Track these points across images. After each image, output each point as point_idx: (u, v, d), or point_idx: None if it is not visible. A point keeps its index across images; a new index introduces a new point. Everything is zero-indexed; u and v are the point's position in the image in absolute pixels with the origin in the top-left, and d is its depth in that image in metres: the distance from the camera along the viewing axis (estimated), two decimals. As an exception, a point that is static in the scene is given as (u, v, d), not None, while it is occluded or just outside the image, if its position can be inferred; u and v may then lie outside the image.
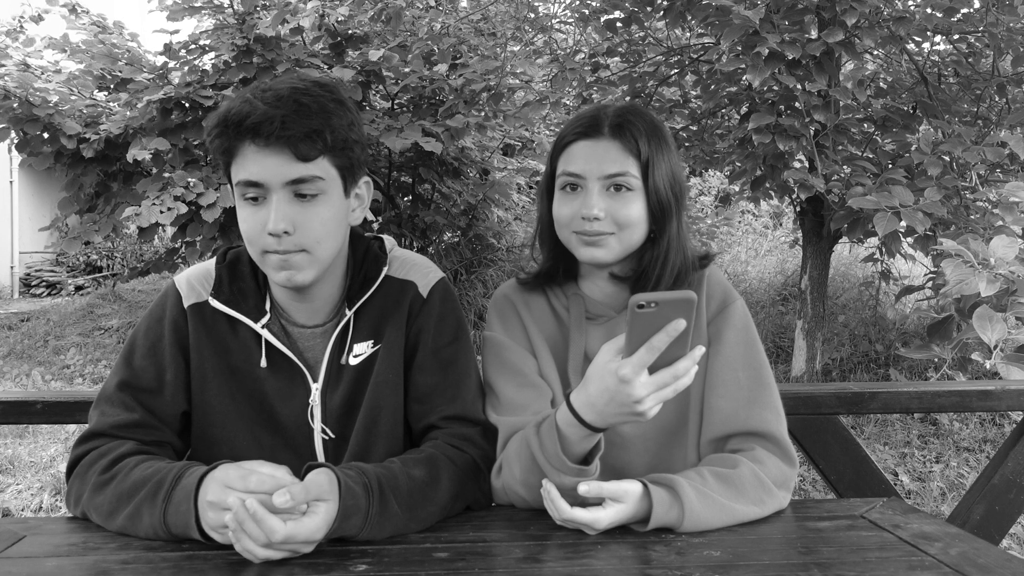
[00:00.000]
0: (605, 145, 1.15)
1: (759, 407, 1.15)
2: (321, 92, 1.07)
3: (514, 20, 5.25)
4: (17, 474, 3.91)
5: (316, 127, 1.03)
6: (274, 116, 1.01)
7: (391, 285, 1.22)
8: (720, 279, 1.26)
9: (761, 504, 1.08)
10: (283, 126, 1.01)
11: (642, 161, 1.14)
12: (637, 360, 0.90)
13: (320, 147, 1.05)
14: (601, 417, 0.97)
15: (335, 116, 1.06)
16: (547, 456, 1.02)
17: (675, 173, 1.18)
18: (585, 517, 0.98)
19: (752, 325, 1.23)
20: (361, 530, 0.97)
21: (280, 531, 0.88)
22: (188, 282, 1.20)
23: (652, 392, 0.93)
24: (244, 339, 1.18)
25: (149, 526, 0.97)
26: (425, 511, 1.05)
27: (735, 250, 8.72)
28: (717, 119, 5.26)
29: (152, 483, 0.99)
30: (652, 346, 0.89)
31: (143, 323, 1.20)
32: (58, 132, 4.92)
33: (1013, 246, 2.24)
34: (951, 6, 3.64)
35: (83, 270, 11.23)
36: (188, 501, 0.95)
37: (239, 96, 1.07)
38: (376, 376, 1.18)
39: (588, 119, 1.17)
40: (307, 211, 1.07)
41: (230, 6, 5.13)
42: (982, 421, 4.34)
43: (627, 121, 1.15)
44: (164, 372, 1.16)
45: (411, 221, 6.12)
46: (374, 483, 1.01)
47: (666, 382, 0.93)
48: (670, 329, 0.89)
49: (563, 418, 1.01)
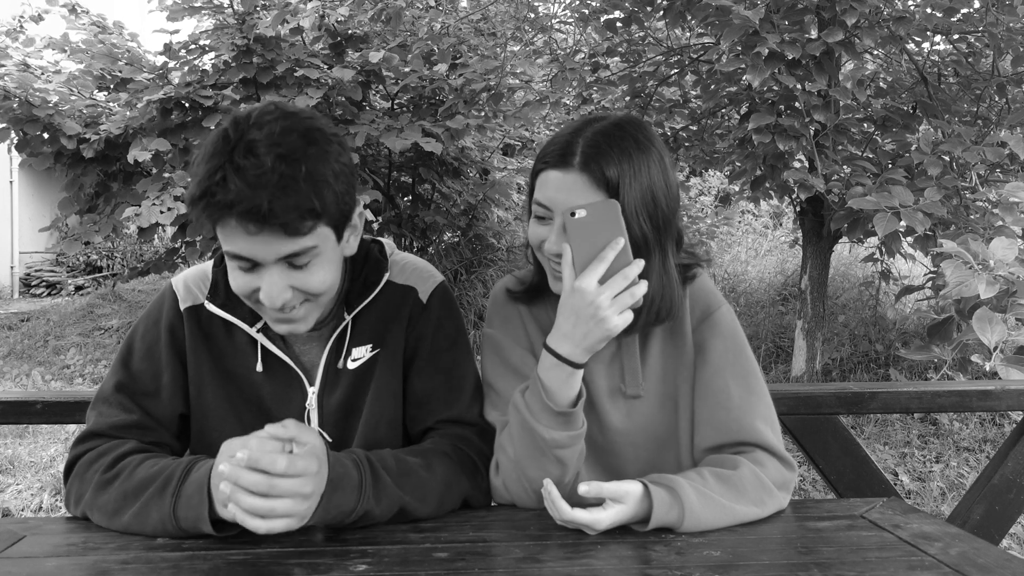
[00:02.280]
0: (572, 179, 1.06)
1: (750, 417, 1.14)
2: (306, 147, 0.97)
3: (514, 20, 5.25)
4: (17, 474, 3.91)
5: (307, 205, 0.96)
6: (259, 202, 0.92)
7: (392, 290, 1.22)
8: (703, 285, 1.22)
9: (762, 505, 1.07)
10: (271, 212, 0.93)
11: (608, 192, 1.05)
12: (590, 272, 1.01)
13: (312, 221, 0.98)
14: (575, 344, 1.04)
15: (325, 181, 0.98)
16: (533, 412, 1.06)
17: (657, 200, 1.07)
18: (585, 518, 0.98)
19: (739, 331, 1.20)
20: (358, 502, 0.99)
21: (281, 461, 0.90)
22: (185, 284, 1.20)
23: (610, 297, 1.01)
24: (240, 343, 1.17)
25: (158, 521, 0.98)
26: (420, 490, 1.06)
27: (735, 250, 8.72)
28: (717, 119, 5.26)
29: (161, 479, 0.99)
30: (603, 258, 1.01)
31: (140, 325, 1.20)
32: (58, 132, 4.92)
33: (1013, 247, 2.24)
34: (951, 6, 3.64)
35: (83, 270, 11.23)
36: (201, 493, 0.95)
37: (215, 155, 0.95)
38: (378, 382, 1.19)
39: (561, 146, 1.09)
40: (304, 275, 1.03)
41: (230, 6, 5.13)
42: (982, 421, 4.34)
43: (599, 151, 1.06)
44: (161, 375, 1.16)
45: (411, 221, 6.12)
46: (362, 457, 1.04)
47: (620, 286, 1.02)
48: (614, 244, 1.01)
49: (544, 365, 1.07)
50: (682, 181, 6.11)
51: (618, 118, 1.13)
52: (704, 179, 9.73)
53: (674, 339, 1.20)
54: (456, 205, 6.58)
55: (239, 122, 0.98)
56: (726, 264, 8.09)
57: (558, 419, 1.06)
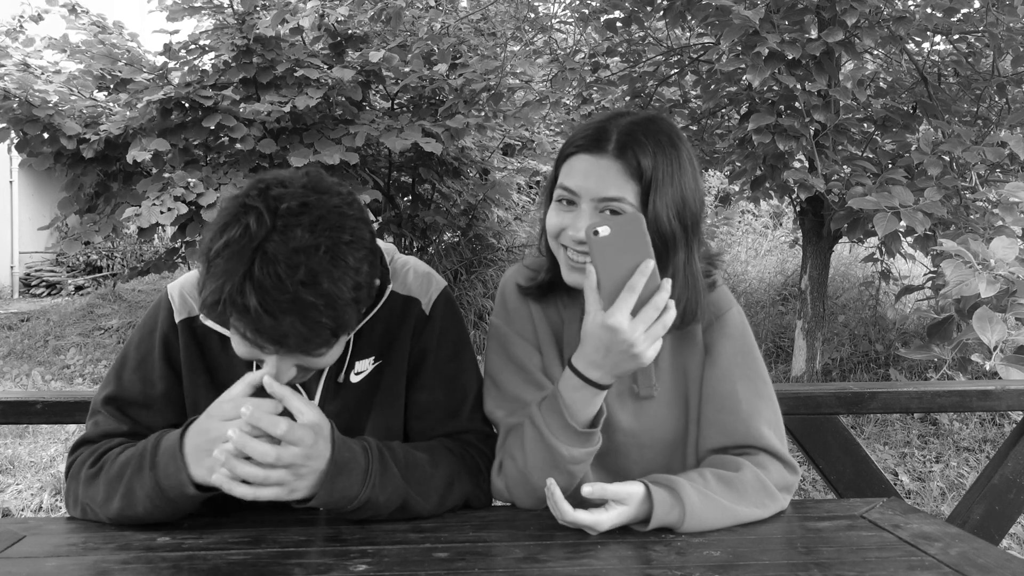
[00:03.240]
0: (606, 164, 1.04)
1: (757, 422, 1.13)
2: (330, 267, 0.91)
3: (514, 20, 5.25)
4: (17, 474, 3.91)
5: (327, 333, 0.94)
6: (278, 330, 0.90)
7: (395, 302, 1.20)
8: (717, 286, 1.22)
9: (763, 507, 1.07)
10: (289, 345, 0.93)
11: (643, 187, 1.03)
12: (621, 305, 0.96)
13: (331, 342, 0.98)
14: (604, 371, 1.01)
15: (346, 302, 0.94)
16: (552, 430, 1.04)
17: (686, 199, 1.06)
18: (587, 519, 0.99)
19: (749, 333, 1.20)
20: (362, 487, 0.99)
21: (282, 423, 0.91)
22: (181, 295, 1.18)
23: (643, 331, 0.97)
24: (235, 356, 1.14)
25: (145, 497, 0.98)
26: (423, 485, 1.06)
27: (735, 250, 8.72)
28: (717, 119, 5.27)
29: (136, 457, 1.01)
30: (632, 288, 0.95)
31: (136, 334, 1.20)
32: (58, 132, 4.93)
33: (1013, 247, 2.24)
34: (951, 6, 3.65)
35: (83, 270, 11.23)
36: (176, 460, 0.97)
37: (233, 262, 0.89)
38: (382, 395, 1.18)
39: (595, 130, 1.07)
40: (314, 360, 1.01)
41: (230, 6, 5.13)
42: (982, 421, 4.34)
43: (635, 140, 1.04)
44: (153, 387, 1.15)
45: (411, 221, 6.13)
46: (372, 444, 1.05)
47: (652, 318, 0.97)
48: (643, 268, 0.96)
49: (567, 384, 1.04)
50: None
51: (652, 114, 1.12)
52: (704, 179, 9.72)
53: (685, 340, 1.19)
54: (456, 205, 6.59)
55: (262, 218, 0.91)
56: (726, 264, 8.09)
57: (579, 438, 1.05)
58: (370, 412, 1.18)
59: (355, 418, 1.17)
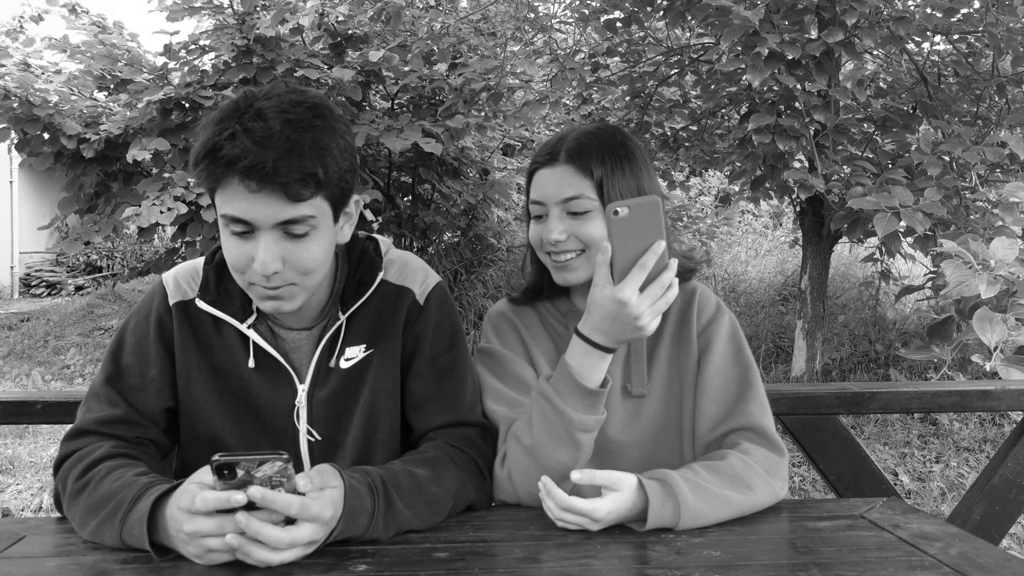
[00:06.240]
0: (560, 171, 1.19)
1: (744, 402, 1.20)
2: (313, 119, 1.01)
3: (514, 20, 5.25)
4: (17, 474, 3.91)
5: (310, 169, 0.98)
6: (265, 159, 0.95)
7: (387, 290, 1.21)
8: (711, 295, 1.32)
9: (753, 489, 1.09)
10: (275, 171, 0.96)
11: (596, 181, 1.17)
12: (632, 280, 1.05)
13: (313, 187, 1.01)
14: (610, 338, 1.10)
15: (329, 151, 1.01)
16: (562, 395, 1.10)
17: (642, 190, 1.19)
18: (583, 505, 1.00)
19: (741, 336, 1.28)
20: (367, 530, 0.98)
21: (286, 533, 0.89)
22: (175, 280, 1.21)
23: (648, 306, 1.06)
24: (229, 339, 1.18)
25: (111, 540, 0.97)
26: (428, 509, 1.06)
27: (735, 250, 8.71)
28: (717, 119, 5.26)
29: (113, 503, 0.98)
30: (643, 265, 1.04)
31: (131, 319, 1.21)
32: (58, 132, 4.92)
33: (1013, 247, 2.24)
34: (951, 6, 3.64)
35: (83, 270, 11.23)
36: (141, 525, 0.93)
37: (224, 120, 0.99)
38: (372, 383, 1.19)
39: (548, 148, 1.22)
40: (297, 248, 1.04)
41: (230, 6, 5.13)
42: (982, 421, 4.34)
43: (582, 145, 1.19)
44: (149, 369, 1.16)
45: (411, 221, 6.12)
46: (378, 483, 1.02)
47: (658, 295, 1.07)
48: (655, 248, 1.04)
49: (574, 351, 1.12)
50: (682, 181, 6.12)
51: (600, 124, 1.25)
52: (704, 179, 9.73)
53: (681, 341, 1.26)
54: (456, 205, 6.58)
55: (249, 93, 1.02)
56: (726, 264, 8.08)
57: (588, 400, 1.10)
58: (360, 397, 1.18)
59: (345, 403, 1.18)
